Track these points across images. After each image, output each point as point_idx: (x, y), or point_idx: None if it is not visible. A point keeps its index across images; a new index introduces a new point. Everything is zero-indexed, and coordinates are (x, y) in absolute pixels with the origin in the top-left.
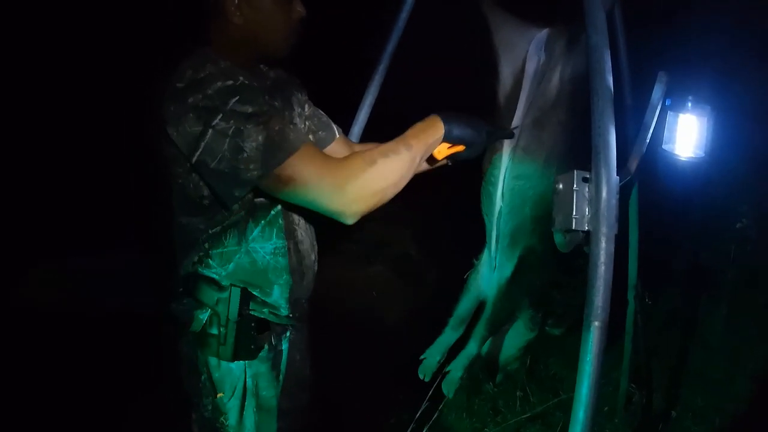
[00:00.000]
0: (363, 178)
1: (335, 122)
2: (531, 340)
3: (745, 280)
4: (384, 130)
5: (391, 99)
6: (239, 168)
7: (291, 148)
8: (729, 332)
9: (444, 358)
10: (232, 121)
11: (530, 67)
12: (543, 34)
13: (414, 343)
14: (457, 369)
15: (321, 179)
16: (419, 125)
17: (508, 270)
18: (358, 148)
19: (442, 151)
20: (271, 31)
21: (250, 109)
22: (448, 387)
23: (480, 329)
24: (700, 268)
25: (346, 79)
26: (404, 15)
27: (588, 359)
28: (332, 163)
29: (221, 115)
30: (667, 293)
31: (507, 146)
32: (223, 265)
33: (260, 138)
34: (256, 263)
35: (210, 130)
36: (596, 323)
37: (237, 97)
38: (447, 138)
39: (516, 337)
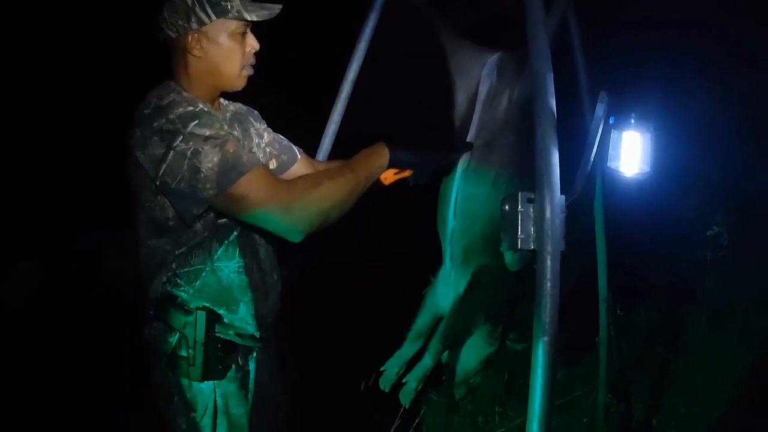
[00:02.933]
0: (308, 199)
1: (303, 142)
2: (491, 354)
3: (724, 287)
4: (350, 152)
5: (356, 123)
6: (197, 187)
7: (244, 168)
8: (710, 339)
9: (402, 370)
10: (191, 143)
11: (482, 91)
12: (495, 57)
13: (382, 361)
14: (412, 380)
15: (270, 199)
16: (365, 151)
17: (462, 287)
18: (320, 166)
19: (389, 176)
20: (228, 63)
21: (207, 132)
22: (405, 397)
23: (435, 343)
24: (678, 278)
25: (312, 101)
26: (363, 44)
27: (539, 373)
28: (281, 184)
29: (182, 137)
30: (647, 304)
31: (459, 167)
32: (190, 283)
33: (215, 159)
34: (221, 281)
35: (171, 152)
36: (545, 338)
37: (196, 121)
38: (393, 164)
39: (474, 352)
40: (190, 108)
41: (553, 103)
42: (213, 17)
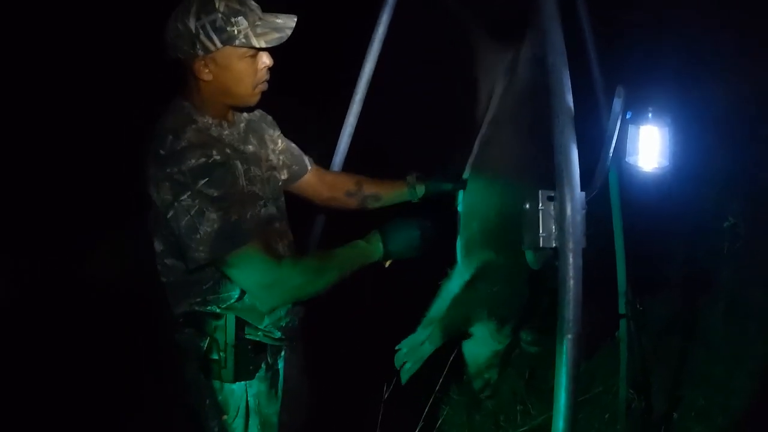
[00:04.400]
0: (289, 286)
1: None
2: (500, 351)
3: (740, 278)
4: (365, 158)
5: (373, 125)
6: (190, 246)
7: (239, 242)
8: (728, 331)
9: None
10: (197, 201)
11: (498, 89)
12: (511, 55)
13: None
14: (410, 360)
15: (255, 275)
16: (362, 245)
17: (465, 278)
18: (329, 178)
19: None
20: (240, 85)
21: (215, 193)
22: (403, 375)
23: (435, 330)
24: (694, 270)
25: (328, 101)
26: (376, 46)
27: (564, 371)
28: (269, 264)
29: (189, 192)
30: (664, 297)
31: (468, 163)
32: (218, 305)
33: (215, 226)
34: (244, 301)
35: (177, 204)
36: (569, 336)
37: (207, 179)
38: (387, 257)
39: (484, 347)
40: (203, 160)
41: (570, 98)
42: (219, 45)
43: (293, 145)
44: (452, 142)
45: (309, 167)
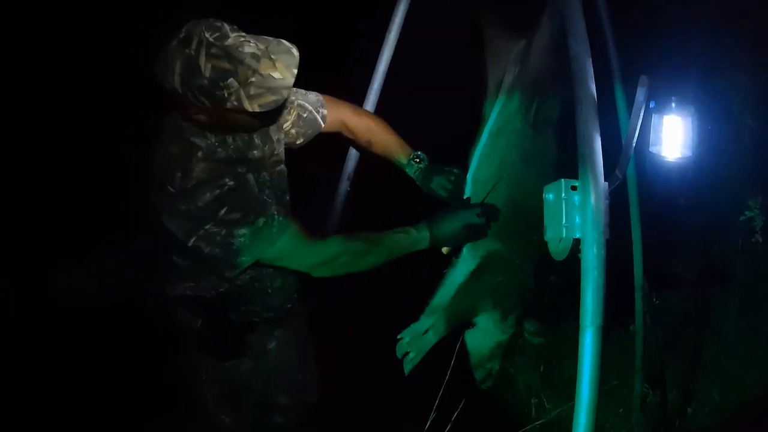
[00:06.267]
0: (337, 264)
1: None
2: (503, 342)
3: (756, 273)
4: None
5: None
6: (230, 256)
7: (275, 238)
8: (743, 325)
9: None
10: (222, 227)
11: (507, 80)
12: (522, 43)
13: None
14: (413, 350)
15: (302, 259)
16: (412, 231)
17: (471, 268)
18: (349, 126)
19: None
20: (238, 128)
21: (237, 216)
22: (406, 365)
23: (439, 320)
24: (710, 264)
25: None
26: (393, 35)
27: (586, 363)
28: (314, 246)
29: (212, 222)
30: (679, 291)
31: (474, 154)
32: (208, 293)
33: (248, 234)
34: (233, 285)
35: (203, 231)
36: (592, 328)
37: (225, 208)
38: (434, 245)
39: (486, 337)
40: (217, 192)
41: (593, 87)
42: (209, 105)
43: (304, 106)
44: (457, 131)
45: (322, 126)
